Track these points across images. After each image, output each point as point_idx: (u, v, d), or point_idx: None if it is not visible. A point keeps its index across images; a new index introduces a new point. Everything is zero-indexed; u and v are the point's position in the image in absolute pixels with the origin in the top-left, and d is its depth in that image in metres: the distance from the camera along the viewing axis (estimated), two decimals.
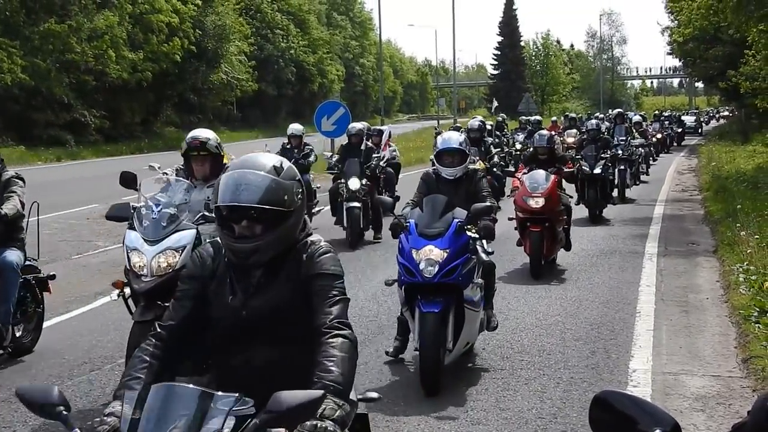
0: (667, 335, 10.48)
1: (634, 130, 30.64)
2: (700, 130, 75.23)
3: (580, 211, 20.61)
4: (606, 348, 9.97)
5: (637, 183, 28.90)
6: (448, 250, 8.62)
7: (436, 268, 8.53)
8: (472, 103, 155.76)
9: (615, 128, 28.14)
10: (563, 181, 16.87)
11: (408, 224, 8.99)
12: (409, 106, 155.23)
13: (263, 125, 75.21)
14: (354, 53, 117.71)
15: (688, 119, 75.99)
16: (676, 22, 43.25)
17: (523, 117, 43.12)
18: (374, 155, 18.86)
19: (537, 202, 14.42)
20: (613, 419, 2.49)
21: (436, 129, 35.59)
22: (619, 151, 25.02)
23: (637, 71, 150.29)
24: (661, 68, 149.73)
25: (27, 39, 47.35)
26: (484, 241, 9.61)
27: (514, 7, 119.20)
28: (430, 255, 8.59)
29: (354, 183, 17.71)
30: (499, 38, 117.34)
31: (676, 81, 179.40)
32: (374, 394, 4.82)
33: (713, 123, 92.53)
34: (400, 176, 22.02)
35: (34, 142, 46.77)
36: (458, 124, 35.46)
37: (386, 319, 11.44)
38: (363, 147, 18.78)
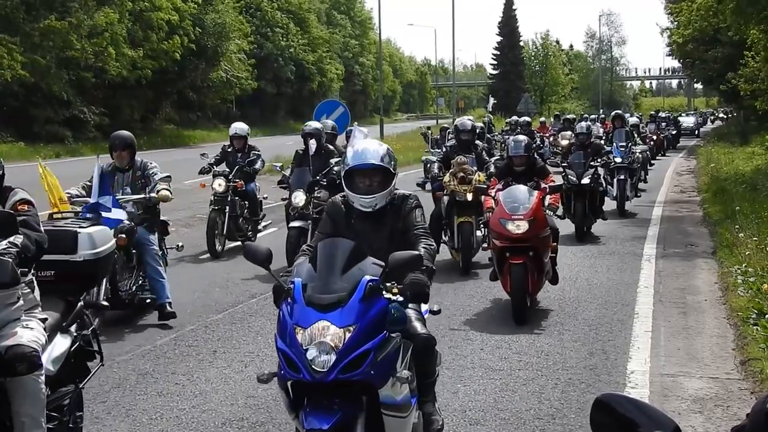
0: (666, 337, 10.49)
1: (635, 135, 26.46)
2: (697, 132, 73.25)
3: (564, 226, 17.49)
4: (604, 349, 9.98)
5: (639, 194, 25.13)
6: (351, 328, 5.43)
7: (332, 358, 5.33)
8: (471, 102, 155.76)
9: (614, 133, 24.15)
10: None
11: (292, 286, 5.68)
12: (408, 105, 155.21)
13: (262, 123, 75.12)
14: (353, 52, 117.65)
15: (686, 120, 74.15)
16: (675, 23, 43.33)
17: (514, 117, 40.49)
18: (332, 160, 15.08)
19: (519, 227, 11.45)
20: (613, 422, 2.50)
21: (423, 129, 32.02)
22: (618, 158, 22.23)
23: (636, 72, 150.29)
24: (660, 69, 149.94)
25: (27, 35, 47.29)
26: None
27: (513, 7, 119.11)
28: (324, 336, 5.38)
29: (299, 197, 14.47)
30: (499, 38, 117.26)
31: (675, 82, 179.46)
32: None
33: (707, 125, 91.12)
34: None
35: (33, 138, 46.74)
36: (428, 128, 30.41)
37: None
38: (318, 150, 15.07)
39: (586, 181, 18.81)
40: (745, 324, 10.44)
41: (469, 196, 14.88)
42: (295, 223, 14.64)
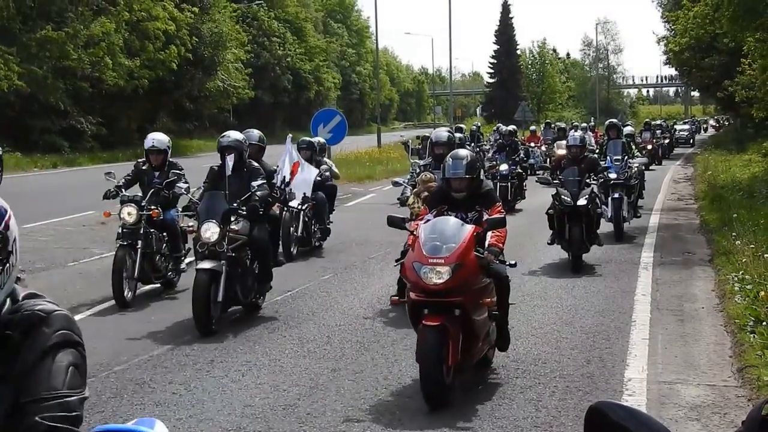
0: (663, 344, 10.49)
1: (633, 146, 23.63)
2: (692, 141, 71.51)
3: (552, 252, 17.05)
4: (601, 357, 9.98)
5: (638, 215, 21.64)
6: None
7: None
8: (468, 111, 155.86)
9: (608, 144, 21.34)
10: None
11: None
12: (405, 114, 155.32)
13: None
14: (351, 61, 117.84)
15: (681, 129, 73.10)
16: (672, 31, 43.39)
17: (501, 126, 36.59)
18: (257, 182, 12.10)
19: (438, 274, 8.40)
20: (608, 430, 2.50)
21: (403, 139, 30.37)
22: (612, 174, 19.14)
23: (633, 80, 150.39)
24: (657, 77, 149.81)
25: (24, 46, 47.31)
26: None
27: (510, 16, 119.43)
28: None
29: (209, 230, 11.43)
30: (496, 46, 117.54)
31: (672, 90, 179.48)
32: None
33: (701, 133, 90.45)
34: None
35: (30, 148, 46.72)
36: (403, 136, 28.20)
37: (381, 327, 11.45)
38: (238, 169, 12.17)
39: (582, 201, 16.05)
40: (742, 331, 10.45)
41: None
42: (204, 264, 11.40)
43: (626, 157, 20.65)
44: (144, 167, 14.06)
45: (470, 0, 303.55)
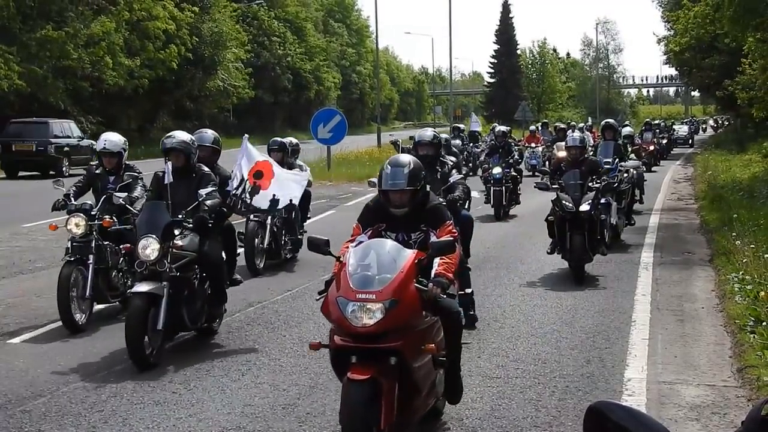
0: (663, 344, 10.48)
1: (629, 147, 23.00)
2: (690, 141, 70.76)
3: (552, 261, 15.95)
4: (601, 357, 9.98)
5: (632, 222, 20.49)
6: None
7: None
8: (468, 110, 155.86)
9: (600, 146, 20.33)
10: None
11: None
12: (405, 113, 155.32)
13: (259, 132, 75.10)
14: (351, 61, 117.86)
15: (680, 129, 72.63)
16: (672, 31, 43.42)
17: (498, 126, 32.49)
18: (206, 190, 10.65)
19: (369, 314, 6.65)
20: (607, 430, 2.50)
21: (393, 139, 28.56)
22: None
23: (633, 80, 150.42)
24: (657, 77, 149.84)
25: (24, 45, 47.36)
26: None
27: (510, 16, 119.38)
28: None
29: (148, 247, 9.89)
30: (496, 46, 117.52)
31: (672, 90, 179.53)
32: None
33: (699, 134, 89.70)
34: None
35: None
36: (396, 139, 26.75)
37: None
38: (184, 174, 10.83)
39: (585, 207, 14.78)
40: (742, 331, 10.44)
41: None
42: (141, 287, 9.83)
43: (617, 160, 19.13)
44: (97, 171, 12.64)
45: (470, 0, 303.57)
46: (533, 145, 40.88)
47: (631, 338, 10.76)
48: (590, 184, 15.33)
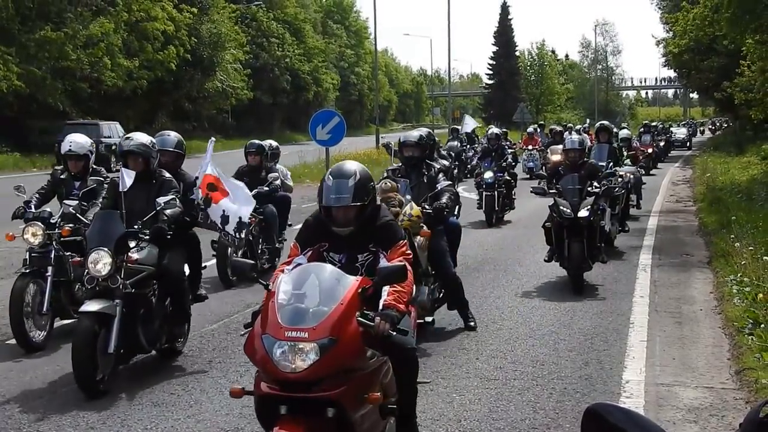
0: (661, 346, 10.48)
1: (623, 152, 21.30)
2: (688, 144, 69.74)
3: (549, 270, 15.40)
4: (599, 359, 9.98)
5: (626, 229, 19.73)
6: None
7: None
8: (466, 112, 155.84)
9: (594, 148, 19.18)
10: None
11: None
12: (404, 115, 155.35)
13: (258, 133, 75.14)
14: (349, 62, 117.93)
15: (678, 131, 71.51)
16: (671, 33, 43.42)
17: (491, 128, 31.04)
18: (166, 198, 9.63)
19: (300, 356, 5.52)
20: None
21: (384, 141, 27.27)
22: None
23: (632, 81, 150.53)
24: (656, 79, 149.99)
25: (23, 46, 47.36)
26: None
27: (509, 17, 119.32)
28: None
29: (100, 261, 8.93)
30: (494, 48, 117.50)
31: (671, 92, 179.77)
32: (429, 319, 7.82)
33: (697, 136, 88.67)
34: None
35: (29, 148, 46.82)
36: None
37: None
38: (145, 180, 9.88)
39: (584, 213, 14.09)
40: (741, 334, 10.44)
41: None
42: (89, 306, 8.82)
43: (611, 164, 18.24)
44: (62, 176, 11.68)
45: (469, 1, 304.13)
46: (531, 147, 40.17)
47: (629, 340, 10.76)
48: (589, 189, 14.48)
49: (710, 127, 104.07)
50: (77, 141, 11.53)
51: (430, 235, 10.87)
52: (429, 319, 7.23)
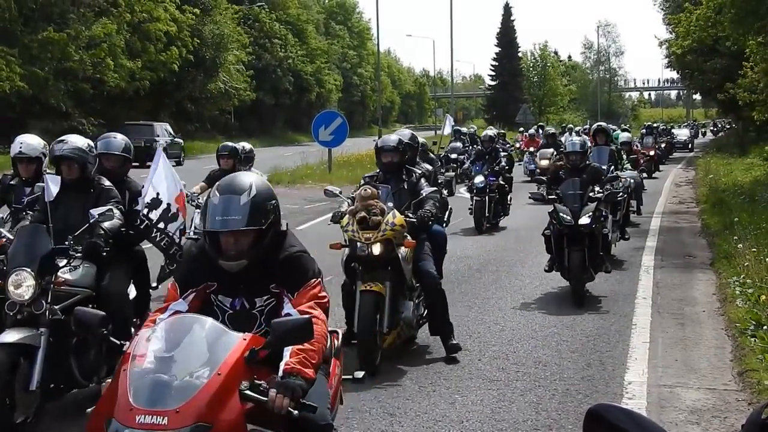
0: (663, 348, 10.47)
1: (623, 156, 19.81)
2: (690, 146, 68.05)
3: (549, 280, 14.48)
4: (602, 360, 9.96)
5: (626, 236, 18.50)
6: None
7: None
8: (469, 113, 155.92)
9: (593, 151, 16.90)
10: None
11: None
12: (406, 116, 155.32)
13: (260, 134, 75.27)
14: (352, 63, 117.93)
15: (680, 133, 70.10)
16: (674, 34, 43.41)
17: (487, 130, 31.42)
18: (100, 209, 8.40)
19: None
20: None
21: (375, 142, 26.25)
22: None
23: (635, 83, 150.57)
24: (658, 80, 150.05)
25: (26, 47, 47.41)
26: None
27: (511, 18, 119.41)
28: None
29: (22, 283, 7.63)
30: (497, 49, 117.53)
31: (673, 93, 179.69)
32: (360, 374, 5.76)
33: (699, 138, 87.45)
34: None
35: None
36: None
37: None
38: (77, 189, 8.75)
39: (585, 220, 13.19)
40: (743, 335, 10.43)
41: (376, 249, 9.58)
42: (8, 337, 7.47)
43: (612, 168, 17.06)
44: (12, 182, 10.25)
45: (472, 2, 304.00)
46: (532, 149, 39.28)
47: (631, 341, 10.75)
48: (591, 194, 13.57)
49: (712, 128, 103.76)
50: (28, 142, 10.06)
51: (414, 245, 10.09)
52: (359, 374, 5.66)
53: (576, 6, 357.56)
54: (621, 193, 16.47)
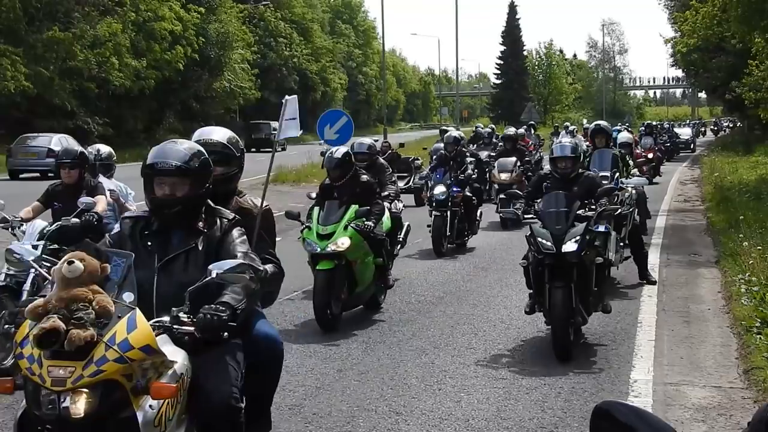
0: (669, 346, 10.47)
1: (627, 160, 15.70)
2: (692, 146, 64.11)
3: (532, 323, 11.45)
4: (607, 358, 9.96)
5: (630, 257, 14.65)
6: None
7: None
8: (474, 112, 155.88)
9: (594, 155, 14.98)
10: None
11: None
12: (411, 115, 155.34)
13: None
14: (357, 62, 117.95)
15: (682, 132, 65.66)
16: (679, 32, 43.44)
17: (480, 126, 28.68)
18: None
19: None
20: (613, 430, 2.50)
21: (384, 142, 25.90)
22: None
23: (640, 81, 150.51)
24: (664, 78, 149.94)
25: (31, 47, 47.48)
26: None
27: (516, 17, 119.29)
28: None
29: None
30: (502, 48, 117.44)
31: (679, 91, 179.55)
32: None
33: (700, 137, 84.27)
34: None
35: None
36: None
37: (387, 328, 11.43)
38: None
39: (570, 247, 10.01)
40: (749, 333, 10.42)
41: (77, 407, 4.42)
42: None
43: (617, 175, 14.19)
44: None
45: (477, 1, 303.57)
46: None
47: (637, 339, 10.74)
48: (580, 211, 10.51)
49: (712, 127, 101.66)
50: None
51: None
52: None
53: (581, 4, 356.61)
54: (620, 209, 12.95)
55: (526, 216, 10.88)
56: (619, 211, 12.80)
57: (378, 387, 8.88)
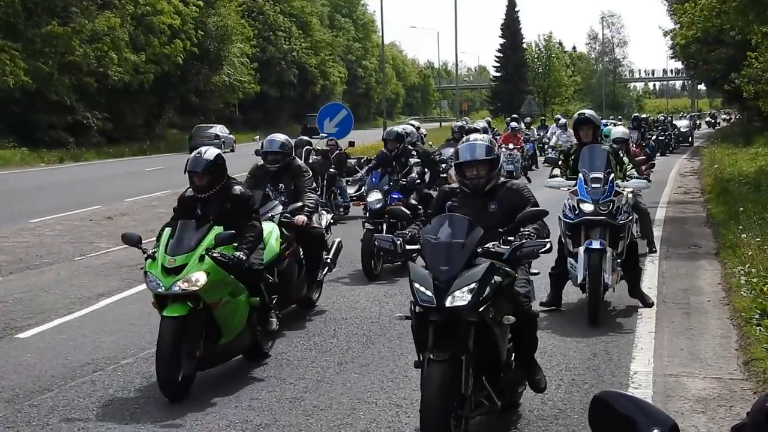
0: (669, 337, 10.47)
1: (623, 158, 12.64)
2: (690, 139, 61.06)
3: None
4: (607, 350, 9.97)
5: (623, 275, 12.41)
6: None
7: None
8: (474, 105, 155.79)
9: (582, 152, 11.95)
10: None
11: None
12: (411, 108, 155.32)
13: (265, 127, 75.11)
14: (356, 55, 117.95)
15: (679, 124, 61.51)
16: (678, 24, 43.41)
17: (467, 119, 27.50)
18: None
19: None
20: (612, 419, 2.50)
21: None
22: (588, 206, 11.31)
23: (640, 73, 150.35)
24: (663, 70, 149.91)
25: (29, 41, 47.39)
26: None
27: (516, 9, 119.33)
28: None
29: None
30: (501, 40, 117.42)
31: (678, 83, 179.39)
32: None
33: (697, 130, 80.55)
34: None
35: (36, 144, 46.89)
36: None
37: (387, 321, 11.43)
38: None
39: (458, 301, 6.60)
40: (748, 324, 10.42)
41: None
42: None
43: (611, 176, 11.57)
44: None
45: None
46: (511, 146, 30.78)
47: (637, 331, 10.75)
48: (490, 245, 7.16)
49: (708, 119, 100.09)
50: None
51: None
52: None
53: None
54: (625, 213, 11.64)
55: (408, 247, 7.41)
56: (619, 220, 11.36)
57: (379, 380, 8.89)
